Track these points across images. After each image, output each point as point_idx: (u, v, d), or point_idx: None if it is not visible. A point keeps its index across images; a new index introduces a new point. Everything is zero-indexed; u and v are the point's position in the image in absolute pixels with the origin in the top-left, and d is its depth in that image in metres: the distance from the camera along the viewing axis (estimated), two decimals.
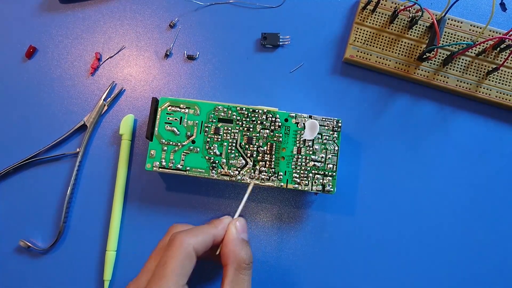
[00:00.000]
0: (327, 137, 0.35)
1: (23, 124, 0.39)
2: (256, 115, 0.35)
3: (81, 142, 0.39)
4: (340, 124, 0.35)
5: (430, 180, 0.39)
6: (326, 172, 0.35)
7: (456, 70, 0.39)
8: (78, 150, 0.38)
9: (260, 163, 0.35)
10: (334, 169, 0.35)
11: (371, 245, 0.38)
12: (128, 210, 0.38)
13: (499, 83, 0.39)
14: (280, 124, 0.35)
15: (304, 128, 0.35)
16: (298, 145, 0.35)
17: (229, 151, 0.35)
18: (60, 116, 0.39)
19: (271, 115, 0.35)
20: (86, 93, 0.40)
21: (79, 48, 0.41)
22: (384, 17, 0.39)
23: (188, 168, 0.35)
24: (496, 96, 0.39)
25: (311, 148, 0.35)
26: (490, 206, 0.39)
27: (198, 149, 0.35)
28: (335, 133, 0.35)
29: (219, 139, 0.35)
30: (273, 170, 0.35)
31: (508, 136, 0.40)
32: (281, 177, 0.35)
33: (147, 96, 0.40)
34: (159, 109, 0.35)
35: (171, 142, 0.35)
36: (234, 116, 0.35)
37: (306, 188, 0.35)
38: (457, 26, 0.39)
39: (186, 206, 0.38)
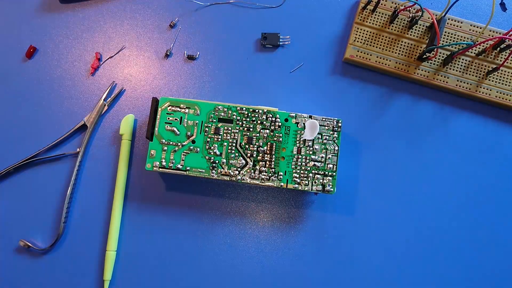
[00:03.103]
0: (327, 137, 0.35)
1: (23, 124, 0.39)
2: (256, 115, 0.35)
3: (81, 142, 0.39)
4: (340, 124, 0.35)
5: (430, 180, 0.39)
6: (326, 172, 0.35)
7: (456, 70, 0.39)
8: (78, 150, 0.38)
9: (260, 163, 0.35)
10: (334, 169, 0.35)
11: (371, 245, 0.38)
12: (128, 210, 0.38)
13: (499, 83, 0.39)
14: (280, 124, 0.35)
15: (304, 128, 0.35)
16: (298, 145, 0.35)
17: (229, 151, 0.35)
18: (60, 116, 0.39)
19: (271, 115, 0.35)
20: (86, 93, 0.40)
21: (79, 48, 0.41)
22: (384, 17, 0.39)
23: (188, 168, 0.35)
24: (496, 96, 0.39)
25: (311, 148, 0.35)
26: (490, 205, 0.39)
27: (198, 149, 0.35)
28: (335, 133, 0.35)
29: (219, 139, 0.35)
30: (273, 170, 0.35)
31: (508, 136, 0.40)
32: (281, 177, 0.35)
33: (147, 96, 0.40)
34: (159, 109, 0.35)
35: (171, 142, 0.35)
36: (234, 116, 0.35)
37: (306, 188, 0.35)
38: (457, 26, 0.39)
39: (186, 206, 0.38)
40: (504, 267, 0.38)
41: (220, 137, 0.35)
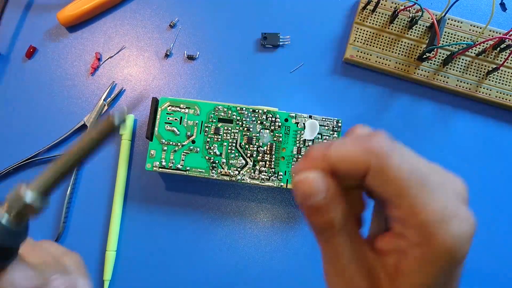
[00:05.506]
0: (327, 137, 0.35)
1: (23, 124, 0.39)
2: (256, 115, 0.35)
3: None
4: (340, 124, 0.35)
5: None
6: None
7: (456, 70, 0.39)
8: None
9: (260, 163, 0.35)
10: None
11: None
12: (128, 210, 0.38)
13: (499, 83, 0.39)
14: (280, 124, 0.35)
15: (304, 128, 0.35)
16: (298, 145, 0.35)
17: (229, 151, 0.35)
18: (60, 116, 0.39)
19: (271, 115, 0.35)
20: (86, 93, 0.40)
21: (79, 48, 0.41)
22: (384, 17, 0.39)
23: (188, 168, 0.35)
24: (496, 96, 0.39)
25: None
26: (490, 206, 0.39)
27: (198, 149, 0.35)
28: (335, 133, 0.35)
29: (219, 139, 0.35)
30: (273, 170, 0.35)
31: (508, 136, 0.40)
32: (281, 177, 0.35)
33: (147, 96, 0.40)
34: (159, 109, 0.35)
35: (171, 142, 0.35)
36: (234, 116, 0.35)
37: None
38: (457, 26, 0.39)
39: (186, 206, 0.38)
40: (504, 267, 0.38)
41: (220, 137, 0.35)
